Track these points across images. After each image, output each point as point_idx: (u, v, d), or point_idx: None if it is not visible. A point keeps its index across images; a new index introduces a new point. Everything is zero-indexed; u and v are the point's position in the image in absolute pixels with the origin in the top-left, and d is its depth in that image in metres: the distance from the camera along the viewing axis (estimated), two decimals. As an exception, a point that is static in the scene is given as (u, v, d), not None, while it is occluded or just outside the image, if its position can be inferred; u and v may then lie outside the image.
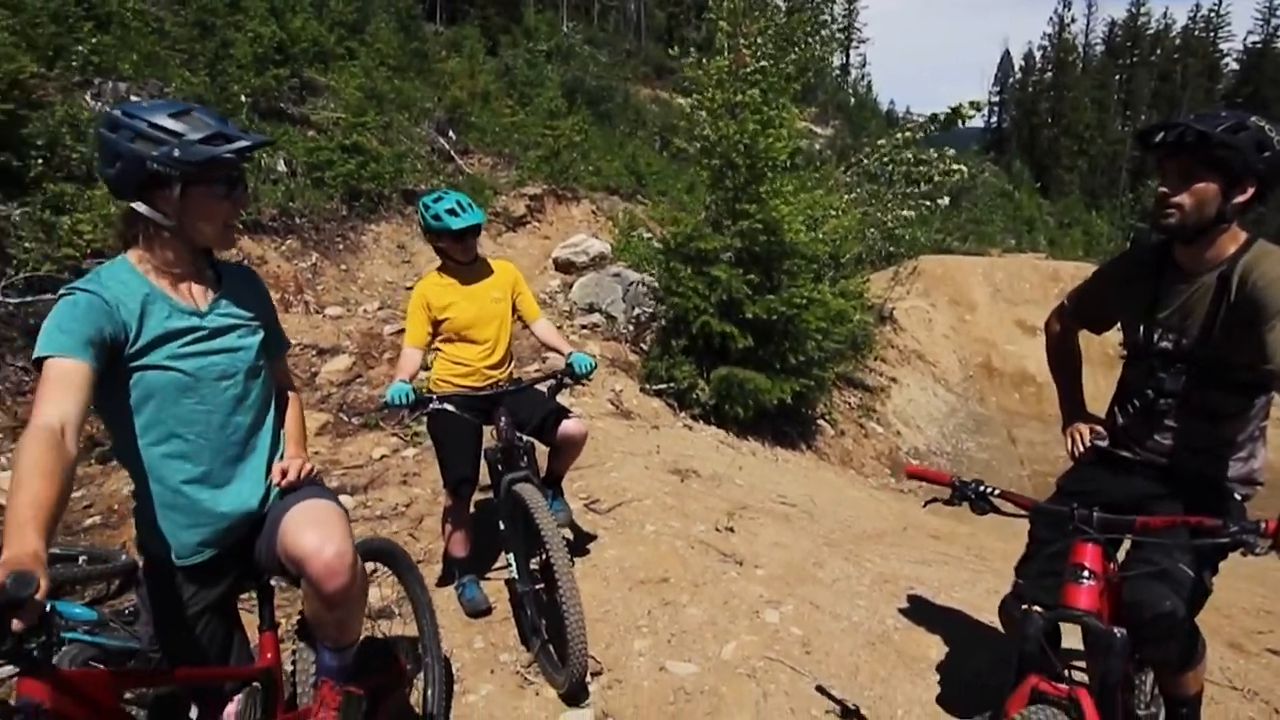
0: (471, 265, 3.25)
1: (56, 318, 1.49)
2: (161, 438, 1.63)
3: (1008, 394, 13.63)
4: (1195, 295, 1.89)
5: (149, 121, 1.55)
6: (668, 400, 6.65)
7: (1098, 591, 1.73)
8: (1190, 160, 1.78)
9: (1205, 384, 1.92)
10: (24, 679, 1.23)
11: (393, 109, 12.72)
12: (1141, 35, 55.33)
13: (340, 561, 1.61)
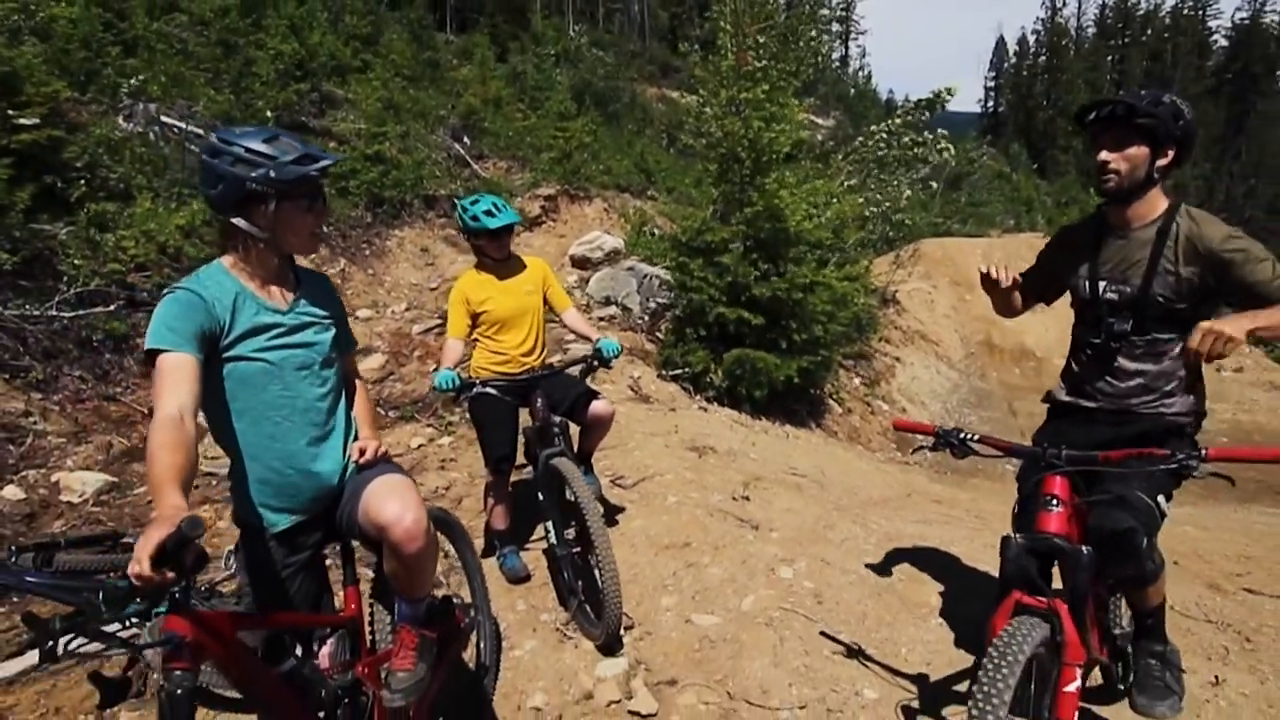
0: (506, 262, 3.56)
1: (163, 315, 1.72)
2: (253, 421, 1.87)
3: (1008, 369, 13.91)
4: (1132, 248, 2.21)
5: (246, 147, 1.80)
6: (683, 385, 6.96)
7: (1066, 517, 2.01)
8: (1121, 131, 2.11)
9: (1148, 325, 2.22)
10: (169, 616, 1.51)
11: (409, 118, 13.05)
12: (1132, 16, 55.23)
13: (418, 527, 1.87)
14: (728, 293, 7.08)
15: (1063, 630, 1.90)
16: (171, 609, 1.52)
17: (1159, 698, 2.27)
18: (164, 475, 1.49)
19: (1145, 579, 2.18)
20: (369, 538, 1.96)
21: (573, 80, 23.75)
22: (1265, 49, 49.93)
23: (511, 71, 24.56)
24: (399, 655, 2.05)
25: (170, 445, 1.54)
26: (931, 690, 2.78)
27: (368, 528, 1.91)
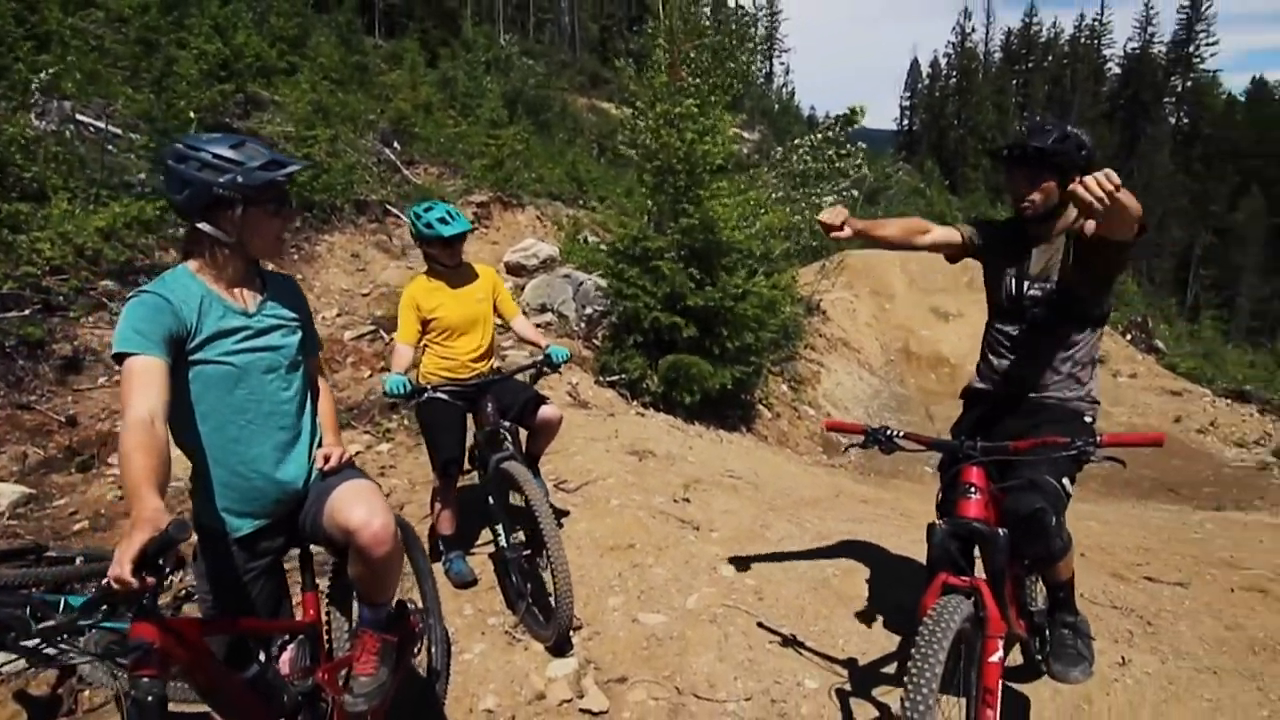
0: (458, 269, 3.58)
1: (130, 318, 1.71)
2: (218, 424, 1.86)
3: (925, 375, 14.57)
4: (1052, 254, 2.51)
5: (213, 153, 1.80)
6: (620, 390, 7.06)
7: (983, 503, 2.21)
8: (1033, 167, 2.39)
9: (1062, 319, 2.51)
10: (136, 623, 1.50)
11: (338, 121, 12.74)
12: (1035, 43, 58.96)
13: (385, 531, 1.89)
14: (664, 300, 7.24)
15: (985, 606, 2.07)
16: (139, 615, 1.51)
17: (1072, 664, 2.49)
18: (140, 477, 1.48)
19: (1055, 555, 2.39)
20: (334, 542, 1.96)
21: (504, 88, 23.66)
22: (1154, 77, 54.05)
23: (442, 78, 24.29)
24: (361, 660, 2.05)
25: (143, 448, 1.53)
26: (867, 676, 2.95)
27: (334, 532, 1.92)
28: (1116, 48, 57.38)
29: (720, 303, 7.24)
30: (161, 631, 1.52)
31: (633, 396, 7.12)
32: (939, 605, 2.00)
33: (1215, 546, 5.21)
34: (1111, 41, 57.52)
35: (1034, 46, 58.93)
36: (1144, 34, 55.34)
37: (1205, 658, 3.12)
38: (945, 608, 1.98)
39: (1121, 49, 56.89)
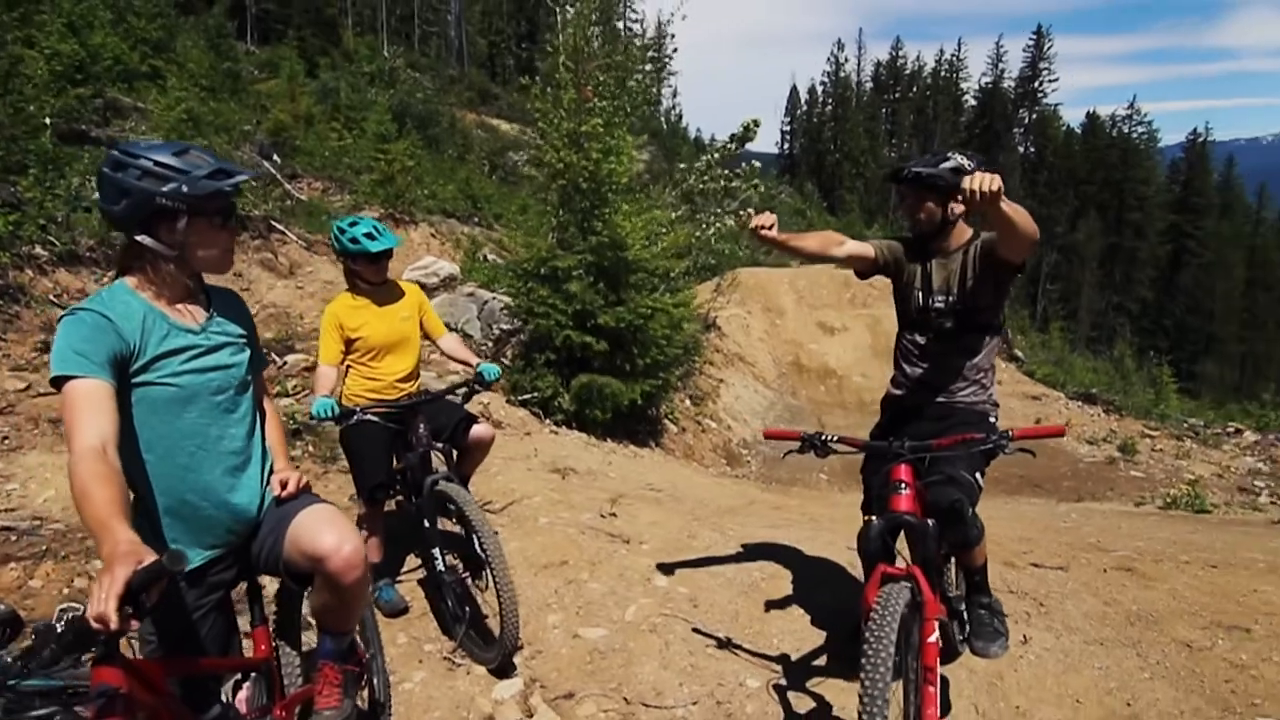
0: (383, 286, 3.50)
1: (68, 338, 1.60)
2: (165, 450, 1.75)
3: (815, 387, 15.28)
4: (951, 268, 2.75)
5: (155, 160, 1.69)
6: (533, 409, 7.03)
7: (913, 497, 2.39)
8: (916, 190, 2.68)
9: (964, 327, 2.75)
10: (99, 667, 1.40)
11: (210, 132, 12.00)
12: (901, 75, 63.51)
13: (357, 556, 1.85)
14: (574, 319, 7.28)
15: (921, 591, 2.23)
16: (102, 659, 1.42)
17: (992, 640, 2.75)
18: (105, 511, 1.39)
19: (971, 542, 2.63)
20: (296, 571, 1.89)
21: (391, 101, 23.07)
22: (1004, 109, 59.33)
23: (323, 88, 23.45)
24: (323, 693, 1.99)
25: (101, 478, 1.44)
26: (803, 671, 3.11)
27: (298, 559, 1.85)
28: (972, 81, 62.71)
29: (630, 321, 7.36)
30: (127, 675, 1.43)
31: (545, 415, 7.11)
32: (883, 595, 2.13)
33: (1084, 533, 5.78)
34: (968, 76, 62.88)
35: (900, 78, 63.50)
36: (996, 69, 60.80)
37: (1092, 631, 3.48)
38: (889, 596, 2.12)
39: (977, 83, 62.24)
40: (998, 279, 2.68)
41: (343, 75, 26.16)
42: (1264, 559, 4.64)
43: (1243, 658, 3.20)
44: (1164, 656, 3.24)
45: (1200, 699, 2.93)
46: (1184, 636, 3.40)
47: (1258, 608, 3.70)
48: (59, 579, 3.73)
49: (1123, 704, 2.91)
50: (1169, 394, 18.35)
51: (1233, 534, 5.92)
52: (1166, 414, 14.66)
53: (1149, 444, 12.35)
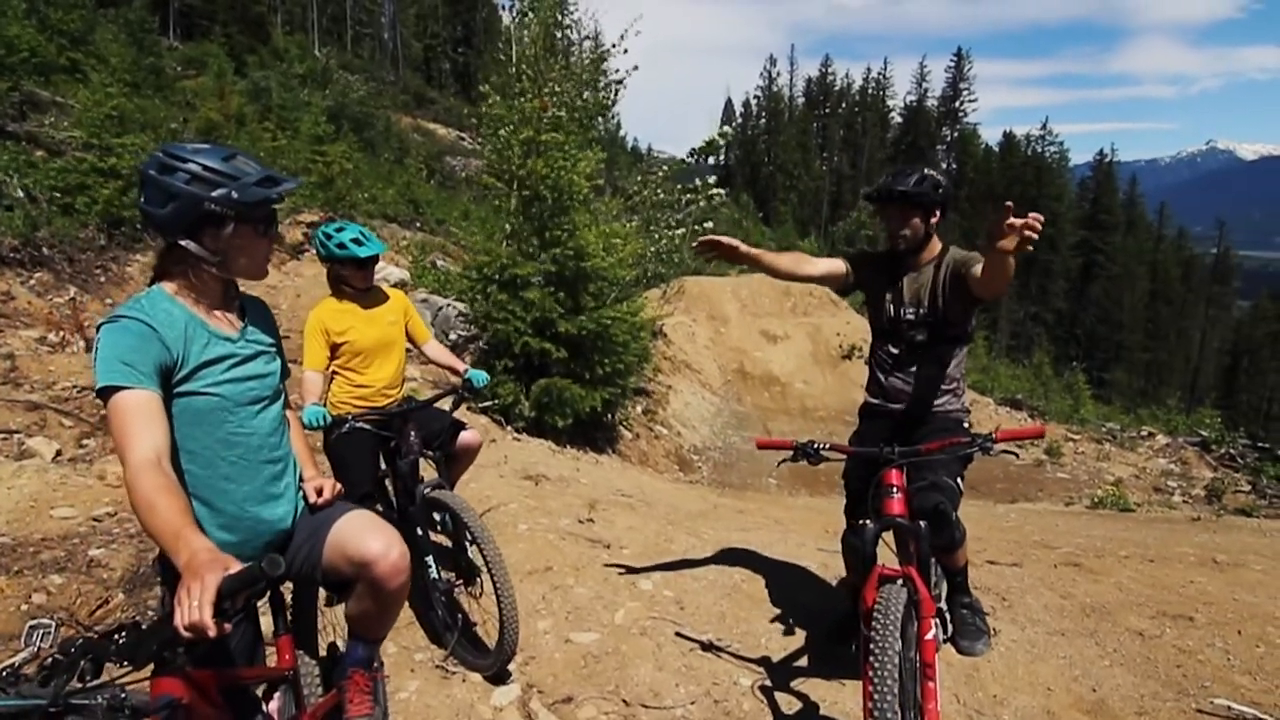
0: (368, 292, 3.45)
1: (114, 347, 1.55)
2: (208, 461, 1.72)
3: (759, 393, 15.61)
4: (922, 281, 2.85)
5: (203, 164, 1.66)
6: (493, 416, 6.98)
7: (904, 501, 2.46)
8: (901, 207, 2.77)
9: (936, 339, 2.85)
10: (160, 679, 1.40)
11: (136, 129, 11.47)
12: (831, 91, 65.47)
13: (404, 561, 1.86)
14: (534, 326, 7.28)
15: (918, 590, 2.28)
16: (162, 669, 1.40)
17: (975, 638, 2.89)
18: (176, 520, 1.37)
19: (955, 544, 2.74)
20: (339, 578, 1.87)
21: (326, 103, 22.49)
22: (928, 126, 61.90)
23: (254, 87, 22.69)
24: (354, 700, 1.97)
25: (164, 489, 1.42)
26: (791, 670, 3.20)
27: (342, 565, 1.84)
28: (898, 99, 65.16)
29: (590, 329, 7.41)
30: (187, 686, 1.41)
31: (506, 422, 7.07)
32: (883, 596, 2.17)
33: (1027, 532, 6.11)
34: (894, 94, 65.30)
35: (830, 94, 65.47)
36: (920, 89, 63.42)
37: (1052, 623, 3.71)
38: (889, 597, 2.16)
39: (902, 101, 64.73)
40: (965, 300, 2.79)
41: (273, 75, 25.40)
42: (1194, 553, 5.02)
43: (1189, 644, 3.47)
44: (1120, 644, 3.48)
45: (1156, 683, 3.16)
46: (1135, 626, 3.66)
47: (1196, 598, 4.00)
48: (15, 594, 3.52)
49: (1089, 689, 3.12)
50: (1085, 400, 19.49)
51: (1160, 530, 6.37)
52: (1086, 419, 15.57)
53: (1072, 447, 13.09)
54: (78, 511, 4.25)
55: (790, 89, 65.76)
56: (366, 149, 23.49)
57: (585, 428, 7.81)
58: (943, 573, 3.08)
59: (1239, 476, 11.75)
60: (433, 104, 40.82)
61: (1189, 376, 52.88)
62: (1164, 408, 18.82)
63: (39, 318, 6.83)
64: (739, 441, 13.23)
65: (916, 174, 2.75)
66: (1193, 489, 11.05)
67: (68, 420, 5.74)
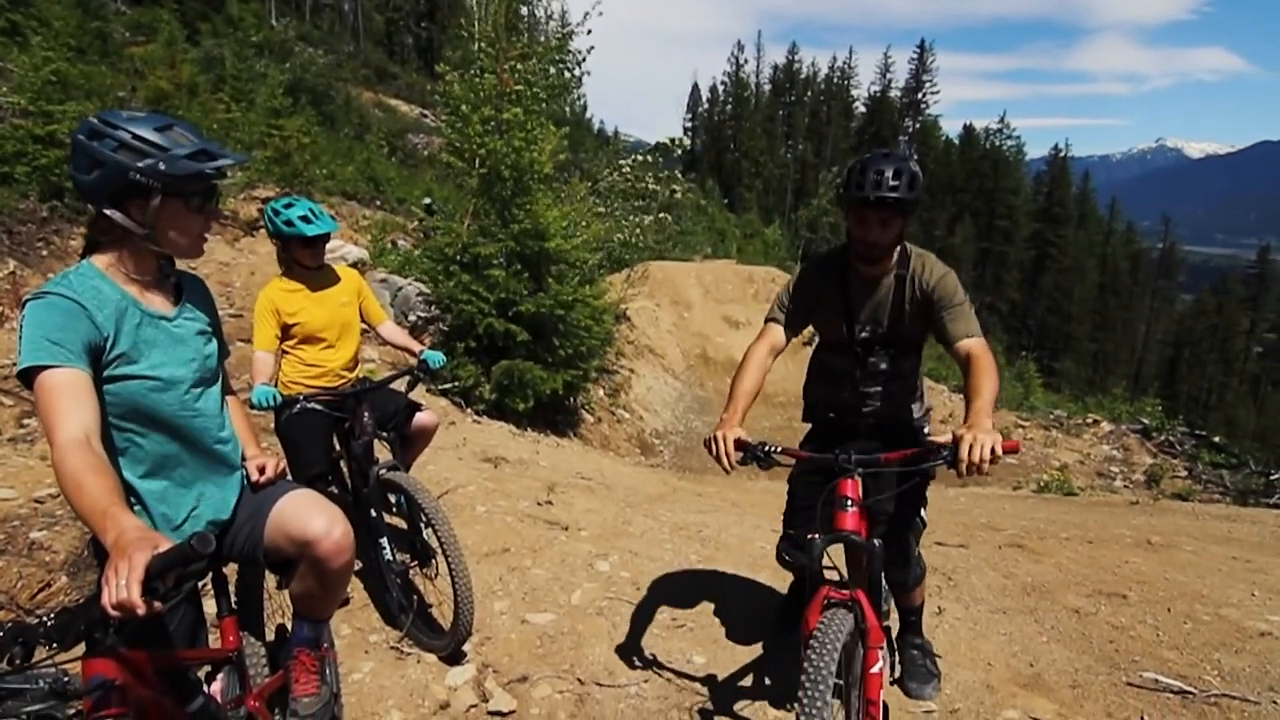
0: (319, 271, 3.39)
1: (40, 324, 1.48)
2: (144, 444, 1.67)
3: (721, 379, 15.73)
4: (880, 295, 2.49)
5: (133, 133, 1.58)
6: (453, 399, 6.93)
7: (859, 515, 2.18)
8: (889, 211, 2.31)
9: (896, 356, 2.57)
10: (92, 659, 1.37)
11: (80, 96, 11.01)
12: (797, 79, 65.66)
13: (347, 539, 1.84)
14: (496, 307, 7.23)
15: (865, 618, 2.06)
16: (93, 651, 1.37)
17: (925, 681, 2.77)
18: (103, 499, 1.33)
19: (911, 584, 2.63)
20: (281, 557, 1.85)
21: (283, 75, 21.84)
22: (891, 117, 62.51)
23: (206, 56, 21.94)
24: (300, 680, 1.96)
25: (92, 468, 1.37)
26: (746, 647, 3.27)
27: (284, 545, 1.82)
28: (862, 89, 65.66)
29: (552, 310, 7.38)
30: (120, 667, 1.39)
31: (467, 405, 7.02)
32: (825, 620, 1.97)
33: (975, 515, 6.30)
34: (858, 83, 65.65)
35: (796, 82, 65.63)
36: (884, 79, 63.89)
37: (994, 601, 3.83)
38: (832, 623, 1.95)
39: (867, 90, 65.25)
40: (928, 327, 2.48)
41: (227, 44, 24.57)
42: (1130, 534, 5.23)
43: (1122, 620, 3.62)
44: (1057, 622, 3.62)
45: (1090, 658, 3.29)
46: (1072, 604, 3.80)
47: (1131, 577, 4.18)
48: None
49: (1026, 664, 3.24)
50: (1035, 388, 20.05)
51: (1100, 513, 6.61)
52: (1035, 406, 16.03)
53: (1021, 433, 13.48)
54: (18, 493, 4.12)
55: (757, 75, 65.83)
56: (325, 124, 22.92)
57: (547, 410, 7.80)
58: (896, 608, 2.92)
59: (1177, 462, 12.25)
60: (395, 79, 39.91)
61: (1134, 366, 54.74)
62: (1109, 396, 19.47)
63: (-23, 292, 6.56)
64: (701, 426, 13.34)
65: (906, 173, 2.28)
66: (1133, 474, 11.49)
67: (7, 399, 5.54)
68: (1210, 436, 13.85)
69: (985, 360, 2.23)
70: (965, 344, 2.29)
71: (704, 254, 32.07)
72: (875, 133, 60.73)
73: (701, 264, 22.80)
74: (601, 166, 12.53)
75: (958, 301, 2.38)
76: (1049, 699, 2.96)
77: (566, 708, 2.87)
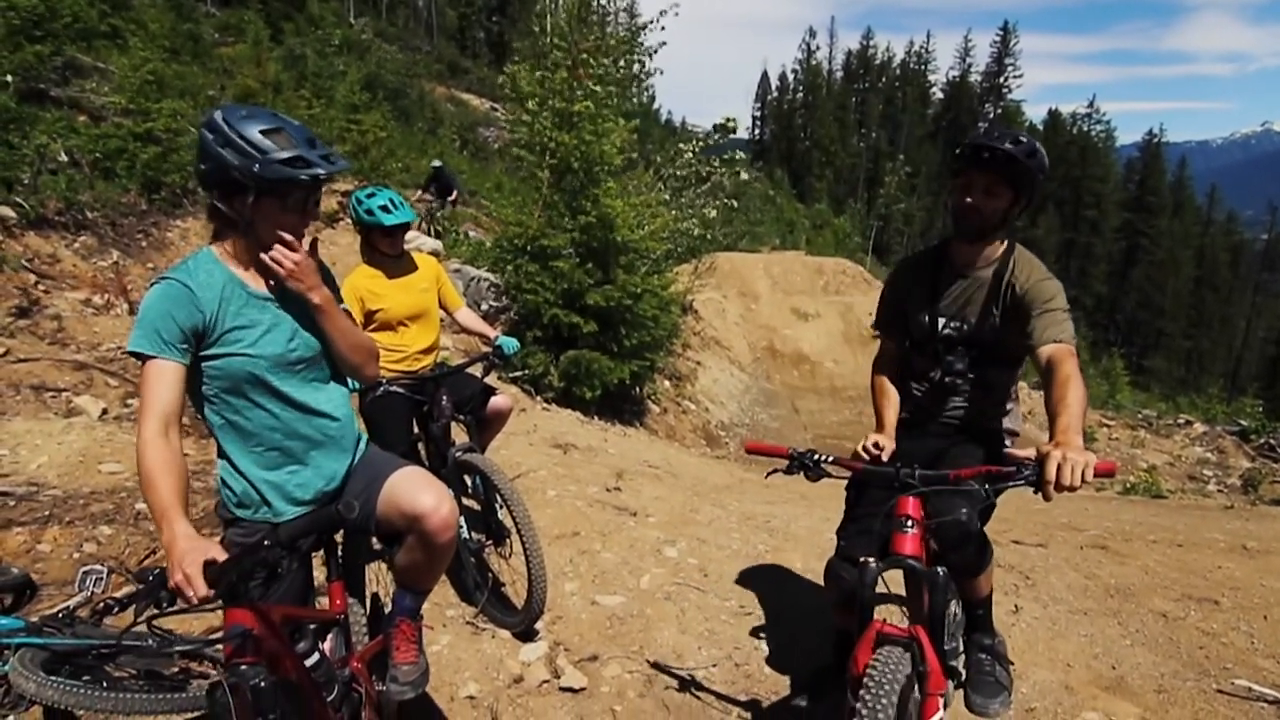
0: (399, 259, 3.52)
1: (152, 310, 1.65)
2: (255, 418, 1.79)
3: (788, 372, 15.58)
4: (971, 288, 2.26)
5: (240, 133, 1.69)
6: (524, 386, 7.10)
7: (920, 538, 1.95)
8: (995, 175, 2.11)
9: (982, 362, 2.29)
10: (232, 610, 1.52)
11: (174, 95, 11.67)
12: (871, 65, 64.00)
13: (453, 516, 1.94)
14: (563, 297, 7.35)
15: (925, 659, 1.83)
16: (232, 601, 1.50)
17: (992, 695, 2.30)
18: (165, 499, 1.52)
19: (978, 566, 2.23)
20: (389, 530, 1.96)
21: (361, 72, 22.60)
22: (970, 103, 60.35)
23: (289, 55, 22.87)
24: (401, 649, 2.07)
25: (163, 465, 1.56)
26: (810, 637, 3.26)
27: (395, 518, 1.92)
28: (940, 74, 63.58)
29: (620, 301, 7.46)
30: (257, 618, 1.51)
31: (536, 393, 7.18)
32: (879, 661, 1.75)
33: (1055, 515, 6.07)
34: (936, 68, 63.73)
35: (870, 68, 64.03)
36: (963, 64, 61.77)
37: (1075, 602, 3.71)
38: (887, 664, 1.74)
39: (944, 76, 63.12)
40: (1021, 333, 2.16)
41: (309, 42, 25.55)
42: (1224, 539, 4.96)
43: (1214, 627, 3.45)
44: (1142, 625, 3.48)
45: (1178, 663, 3.16)
46: (1159, 608, 3.65)
47: (1223, 582, 3.97)
48: (67, 543, 3.72)
49: (1108, 667, 3.13)
50: (1122, 386, 19.13)
51: (1191, 517, 6.28)
52: (1121, 405, 15.29)
53: (1106, 433, 12.89)
54: (124, 467, 4.44)
55: (829, 62, 64.54)
56: (401, 118, 23.61)
57: (613, 400, 7.89)
58: (960, 607, 2.38)
59: (1278, 467, 11.50)
60: (467, 74, 40.77)
61: (1231, 365, 51.42)
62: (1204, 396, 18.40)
63: (84, 280, 7.06)
64: (766, 419, 13.26)
65: (1024, 139, 2.11)
66: (1229, 478, 10.85)
67: (113, 380, 5.96)
68: (1317, 440, 12.92)
69: (1070, 367, 1.99)
70: (1050, 349, 2.03)
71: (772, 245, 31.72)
72: (953, 119, 58.78)
73: (770, 255, 22.56)
74: (668, 157, 12.50)
75: (1054, 306, 2.11)
76: (1132, 703, 2.87)
77: (636, 687, 2.93)
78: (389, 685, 2.02)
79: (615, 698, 2.87)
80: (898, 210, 41.13)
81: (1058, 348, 2.03)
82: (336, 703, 1.85)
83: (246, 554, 1.48)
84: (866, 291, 18.12)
